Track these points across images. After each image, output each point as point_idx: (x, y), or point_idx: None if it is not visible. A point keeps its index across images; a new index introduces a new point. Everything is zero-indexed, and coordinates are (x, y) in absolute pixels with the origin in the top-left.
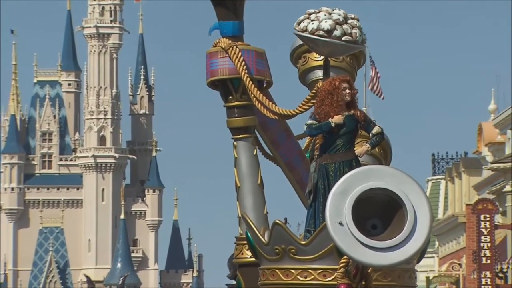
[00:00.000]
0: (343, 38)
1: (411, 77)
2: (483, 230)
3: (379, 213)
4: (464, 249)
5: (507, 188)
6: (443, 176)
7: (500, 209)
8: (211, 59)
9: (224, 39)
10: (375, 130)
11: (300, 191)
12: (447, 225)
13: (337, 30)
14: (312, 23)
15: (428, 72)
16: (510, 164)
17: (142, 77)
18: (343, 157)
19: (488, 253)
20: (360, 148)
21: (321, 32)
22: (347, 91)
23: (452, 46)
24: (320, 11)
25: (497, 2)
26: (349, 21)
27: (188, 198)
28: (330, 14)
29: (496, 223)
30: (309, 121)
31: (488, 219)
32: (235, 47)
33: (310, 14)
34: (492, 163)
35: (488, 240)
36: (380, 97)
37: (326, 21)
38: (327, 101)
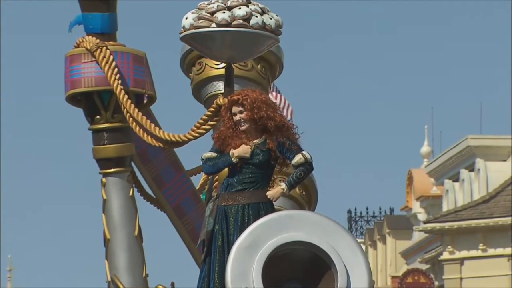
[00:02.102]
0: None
1: (319, 108)
2: None
3: (299, 275)
4: None
5: (445, 255)
6: (362, 240)
7: (436, 282)
8: (72, 64)
9: (90, 37)
10: (296, 159)
11: (192, 245)
12: None
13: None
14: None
15: (342, 100)
16: (449, 224)
17: None
18: (249, 198)
19: None
20: (274, 188)
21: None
22: (238, 116)
23: (369, 67)
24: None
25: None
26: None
27: (28, 266)
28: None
29: None
30: (206, 154)
31: None
32: (104, 48)
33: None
34: (425, 222)
35: None
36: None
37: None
38: (223, 129)
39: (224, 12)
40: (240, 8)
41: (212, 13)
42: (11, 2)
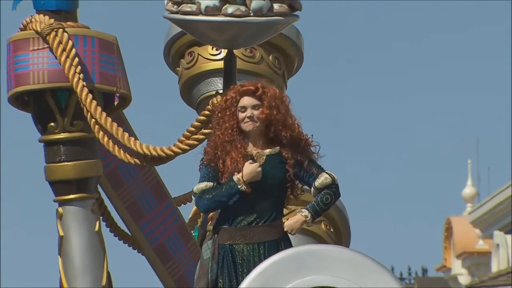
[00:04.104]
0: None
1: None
2: None
3: None
4: None
5: None
6: None
7: None
8: (17, 53)
9: (42, 16)
10: (321, 179)
11: None
12: None
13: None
14: None
15: (362, 127)
16: None
17: None
18: (265, 234)
19: None
20: (292, 218)
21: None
22: (250, 112)
23: (394, 86)
24: None
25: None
26: None
27: None
28: None
29: None
30: (200, 185)
31: None
32: (61, 30)
33: None
34: (469, 286)
35: None
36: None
37: None
38: (219, 131)
39: None
40: None
41: None
42: None
